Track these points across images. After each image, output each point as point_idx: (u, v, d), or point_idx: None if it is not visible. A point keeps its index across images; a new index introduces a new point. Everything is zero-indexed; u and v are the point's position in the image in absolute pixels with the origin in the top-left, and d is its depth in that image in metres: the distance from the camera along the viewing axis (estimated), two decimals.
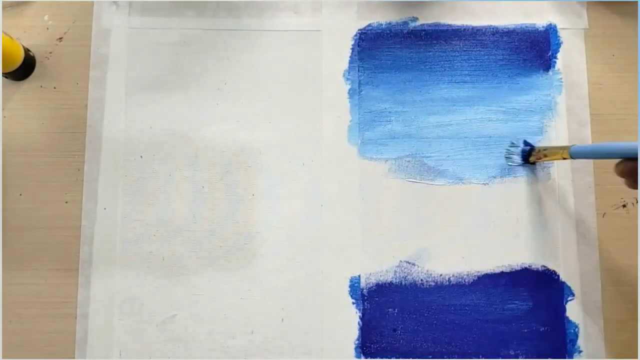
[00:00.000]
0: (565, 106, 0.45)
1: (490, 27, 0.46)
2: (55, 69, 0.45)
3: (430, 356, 0.42)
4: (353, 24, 0.46)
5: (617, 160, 0.34)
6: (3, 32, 0.42)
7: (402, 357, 0.42)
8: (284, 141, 0.44)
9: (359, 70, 0.45)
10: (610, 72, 0.45)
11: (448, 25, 0.46)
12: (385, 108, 0.45)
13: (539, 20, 0.46)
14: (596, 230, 0.43)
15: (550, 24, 0.46)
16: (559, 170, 0.44)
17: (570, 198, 0.43)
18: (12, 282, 0.42)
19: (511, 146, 0.43)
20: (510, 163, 0.43)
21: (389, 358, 0.42)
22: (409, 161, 0.44)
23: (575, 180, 0.44)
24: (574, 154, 0.38)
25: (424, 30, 0.46)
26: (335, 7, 0.46)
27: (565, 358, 0.41)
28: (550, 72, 0.45)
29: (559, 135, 0.44)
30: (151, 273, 0.42)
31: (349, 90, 0.45)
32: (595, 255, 0.43)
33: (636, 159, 0.33)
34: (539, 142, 0.44)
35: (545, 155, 0.41)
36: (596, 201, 0.43)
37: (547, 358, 0.41)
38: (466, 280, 0.42)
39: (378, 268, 0.43)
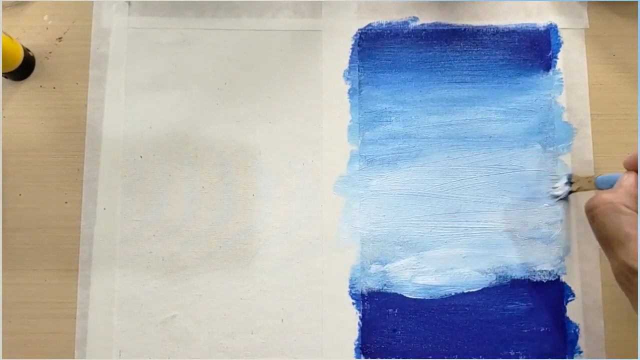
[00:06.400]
0: (565, 106, 0.44)
1: (490, 27, 0.46)
2: (54, 69, 0.45)
3: (430, 356, 0.42)
4: (353, 24, 0.46)
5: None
6: (3, 32, 0.42)
7: (402, 357, 0.42)
8: (284, 141, 0.44)
9: (359, 70, 0.45)
10: (610, 72, 0.45)
11: (448, 25, 0.46)
12: (386, 108, 0.45)
13: (540, 20, 0.46)
14: None
15: (551, 24, 0.46)
16: (560, 170, 0.44)
17: (571, 198, 0.43)
18: (12, 282, 0.42)
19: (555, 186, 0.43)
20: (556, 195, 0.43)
21: (389, 358, 0.42)
22: (408, 161, 0.44)
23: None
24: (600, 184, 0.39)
25: (424, 30, 0.46)
26: (335, 7, 0.46)
27: (565, 358, 0.41)
28: (551, 72, 0.45)
29: (560, 135, 0.44)
30: (151, 273, 0.42)
31: (349, 90, 0.45)
32: (595, 255, 0.43)
33: None
34: (538, 142, 0.44)
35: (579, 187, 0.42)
36: None
37: (547, 358, 0.41)
38: (467, 280, 0.42)
39: (378, 268, 0.43)
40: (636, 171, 0.34)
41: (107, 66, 0.45)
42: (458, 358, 0.42)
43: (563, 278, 0.42)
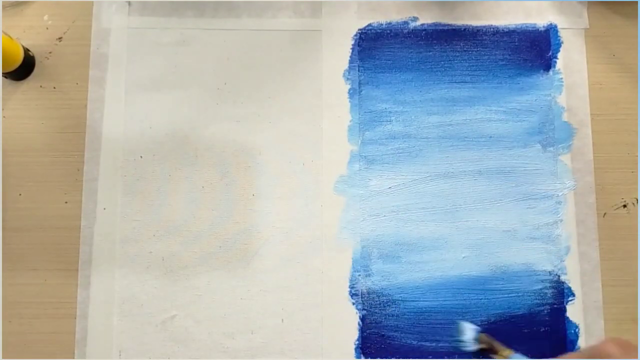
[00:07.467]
0: (565, 106, 0.45)
1: (490, 27, 0.46)
2: (54, 68, 0.45)
3: (430, 356, 0.42)
4: (353, 24, 0.46)
5: None
6: (3, 32, 0.42)
7: (402, 357, 0.42)
8: (284, 141, 0.44)
9: (359, 70, 0.45)
10: (610, 72, 0.45)
11: (448, 25, 0.46)
12: (385, 108, 0.45)
13: (540, 20, 0.46)
14: (596, 230, 0.43)
15: (551, 24, 0.46)
16: (560, 170, 0.44)
17: (570, 198, 0.43)
18: (12, 282, 0.42)
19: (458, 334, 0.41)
20: (462, 348, 0.41)
21: (388, 358, 0.42)
22: (408, 161, 0.44)
23: (575, 180, 0.44)
24: None
25: (424, 30, 0.46)
26: (335, 7, 0.46)
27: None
28: (551, 72, 0.45)
29: (560, 135, 0.44)
30: (151, 273, 0.42)
31: (349, 90, 0.45)
32: (595, 255, 0.43)
33: None
34: (539, 142, 0.44)
35: (492, 349, 0.40)
36: (596, 201, 0.43)
37: (547, 358, 0.41)
38: (467, 280, 0.42)
39: (378, 268, 0.43)
40: None
41: (107, 66, 0.45)
42: (458, 358, 0.42)
43: (563, 278, 0.42)
